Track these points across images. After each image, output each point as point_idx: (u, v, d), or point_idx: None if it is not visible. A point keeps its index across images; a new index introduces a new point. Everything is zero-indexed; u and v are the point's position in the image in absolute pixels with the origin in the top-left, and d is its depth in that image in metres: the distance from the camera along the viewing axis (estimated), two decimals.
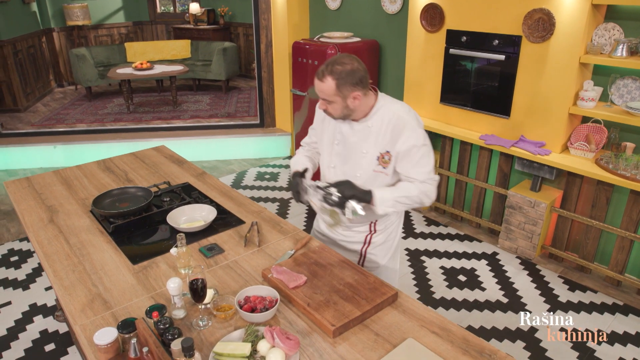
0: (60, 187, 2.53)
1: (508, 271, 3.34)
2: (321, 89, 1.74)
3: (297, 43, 4.28)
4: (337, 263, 1.81)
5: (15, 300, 3.07)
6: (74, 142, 5.19)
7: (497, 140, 3.38)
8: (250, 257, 1.90)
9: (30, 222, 2.17)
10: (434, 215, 4.12)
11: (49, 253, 1.92)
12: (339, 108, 1.77)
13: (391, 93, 4.34)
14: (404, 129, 1.77)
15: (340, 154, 1.93)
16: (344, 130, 1.90)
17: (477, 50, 3.36)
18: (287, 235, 2.06)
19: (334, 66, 1.70)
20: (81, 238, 2.03)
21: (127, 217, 2.11)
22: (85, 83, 6.83)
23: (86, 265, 1.84)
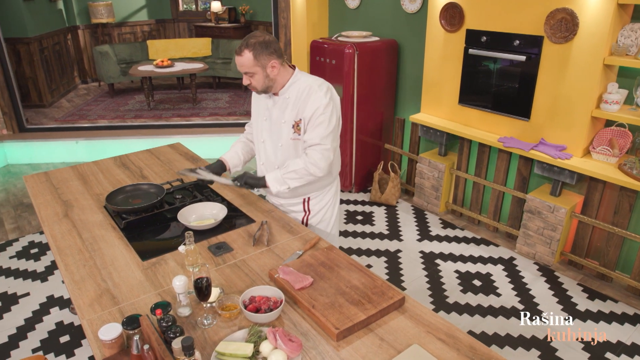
0: (76, 182, 2.58)
1: (525, 277, 3.27)
2: (241, 63, 1.93)
3: (315, 42, 4.28)
4: (345, 265, 1.80)
5: (33, 291, 3.15)
6: (95, 137, 5.29)
7: (516, 143, 3.31)
8: (258, 257, 1.90)
9: (45, 216, 2.22)
10: (450, 217, 4.07)
11: (62, 247, 1.96)
12: (261, 79, 1.96)
13: (409, 93, 4.31)
14: (311, 96, 1.99)
15: (268, 128, 2.15)
16: (269, 105, 2.12)
17: (497, 51, 3.29)
18: (296, 235, 2.05)
19: (248, 40, 1.91)
20: (94, 233, 2.06)
21: (139, 213, 2.13)
22: (108, 80, 6.96)
23: (97, 260, 1.87)
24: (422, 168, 4.08)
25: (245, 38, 1.94)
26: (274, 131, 2.13)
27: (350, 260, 1.83)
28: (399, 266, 3.41)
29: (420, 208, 4.23)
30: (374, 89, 4.21)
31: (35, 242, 3.74)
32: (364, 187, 4.59)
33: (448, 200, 4.10)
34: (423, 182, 4.13)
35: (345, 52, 3.94)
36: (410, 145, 4.28)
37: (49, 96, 6.73)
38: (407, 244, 3.69)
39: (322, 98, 1.99)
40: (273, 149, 2.16)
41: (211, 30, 8.24)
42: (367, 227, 3.94)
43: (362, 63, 4.01)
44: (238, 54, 1.93)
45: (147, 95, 6.36)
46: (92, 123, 5.76)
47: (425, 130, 3.96)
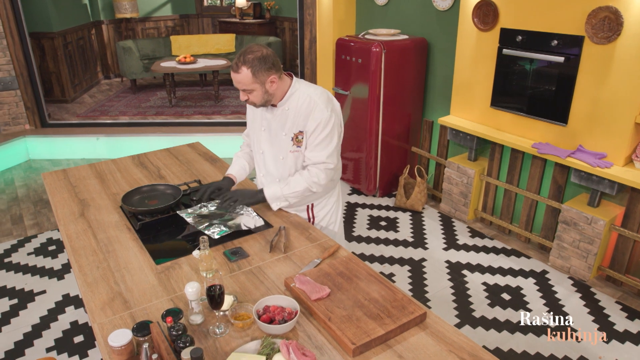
0: (94, 180, 2.63)
1: (558, 292, 3.17)
2: (239, 80, 1.91)
3: (341, 40, 4.26)
4: (364, 276, 1.77)
5: (50, 289, 3.22)
6: (116, 134, 5.39)
7: (552, 150, 3.22)
8: (274, 264, 1.89)
9: (62, 214, 2.26)
10: (479, 226, 3.99)
11: (76, 247, 1.99)
12: (260, 95, 1.95)
13: (438, 94, 4.24)
14: (314, 109, 1.98)
15: (267, 139, 2.14)
16: (268, 116, 2.11)
17: (533, 51, 3.21)
18: (314, 242, 2.04)
19: (245, 56, 1.87)
20: (109, 234, 2.09)
21: (154, 215, 2.16)
22: (131, 75, 7.10)
23: (110, 262, 1.89)
24: (451, 173, 4.01)
25: (240, 53, 1.91)
26: (274, 143, 2.14)
27: (369, 271, 1.80)
28: (423, 276, 3.36)
29: (447, 215, 4.16)
30: (402, 90, 4.17)
31: (54, 239, 3.83)
32: (389, 192, 4.54)
33: (477, 207, 4.02)
34: (451, 188, 4.06)
35: (372, 50, 3.91)
36: (438, 148, 4.22)
37: (72, 91, 6.90)
38: (433, 252, 3.63)
39: (324, 111, 1.99)
40: (273, 161, 2.17)
41: (235, 26, 8.31)
42: (391, 233, 3.90)
43: (389, 62, 3.97)
44: (235, 71, 1.90)
45: (169, 92, 6.46)
46: (113, 119, 5.88)
47: (454, 133, 3.89)
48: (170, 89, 6.47)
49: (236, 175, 2.29)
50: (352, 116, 4.33)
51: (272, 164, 2.18)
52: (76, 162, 5.34)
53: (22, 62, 5.31)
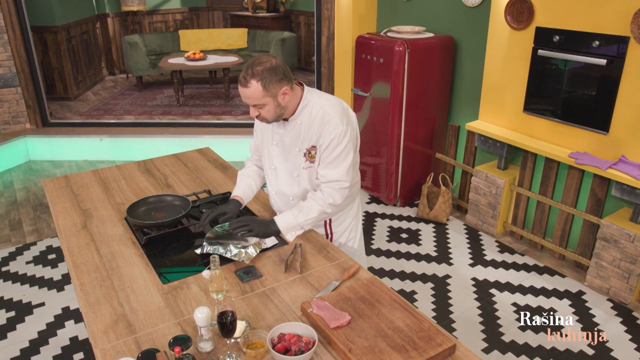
0: (97, 188, 2.62)
1: (596, 316, 3.09)
2: (249, 95, 1.86)
3: (361, 38, 4.22)
4: (387, 302, 1.73)
5: (49, 301, 3.23)
6: (121, 134, 5.42)
7: (591, 160, 3.14)
8: (289, 285, 1.86)
9: (63, 226, 2.25)
10: (508, 240, 3.91)
11: (78, 263, 1.98)
12: (272, 109, 1.90)
13: (466, 97, 4.18)
14: (328, 123, 1.94)
15: (280, 154, 2.10)
16: (279, 130, 2.07)
17: (572, 53, 3.14)
18: (333, 262, 2.00)
19: (253, 68, 1.82)
20: (112, 248, 2.08)
21: (161, 228, 2.14)
22: (137, 72, 7.14)
23: (114, 280, 1.87)
24: (478, 182, 3.94)
25: (248, 65, 1.86)
26: (288, 159, 2.10)
27: (393, 296, 1.75)
28: (447, 294, 3.30)
29: (473, 227, 4.09)
30: (426, 92, 4.11)
31: (54, 247, 3.85)
32: (410, 201, 4.49)
33: (506, 220, 3.95)
34: (478, 199, 3.99)
35: (395, 49, 3.86)
36: (464, 155, 4.15)
37: (75, 88, 6.96)
38: (458, 268, 3.57)
39: (338, 125, 1.95)
40: (287, 178, 2.13)
41: (247, 20, 8.32)
42: (413, 247, 3.84)
43: (413, 62, 3.92)
44: (243, 85, 1.85)
45: (177, 90, 6.48)
46: (117, 119, 5.91)
47: (483, 140, 3.83)
48: (178, 87, 6.49)
49: (242, 197, 2.21)
50: (371, 119, 4.28)
51: (285, 182, 2.14)
52: (78, 164, 5.37)
53: (24, 57, 5.36)
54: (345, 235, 2.28)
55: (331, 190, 2.02)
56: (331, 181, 2.01)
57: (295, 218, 2.04)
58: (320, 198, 2.03)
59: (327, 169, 2.01)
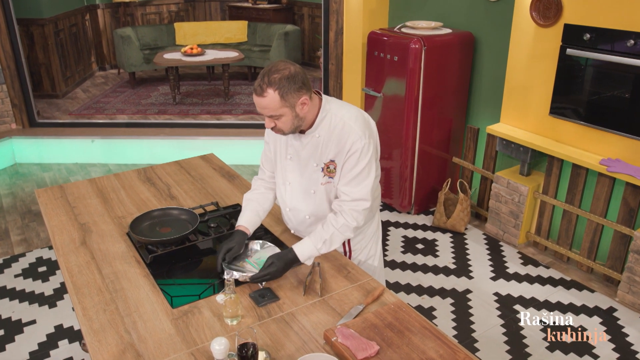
0: (95, 200, 2.58)
1: (630, 335, 3.06)
2: (265, 106, 1.81)
3: (373, 34, 4.18)
4: (418, 329, 1.69)
5: (40, 319, 3.19)
6: (113, 136, 5.38)
7: (625, 168, 3.11)
8: (309, 310, 1.82)
9: (60, 242, 2.22)
10: (531, 252, 3.88)
11: (78, 285, 1.94)
12: (289, 120, 1.86)
13: (485, 98, 4.14)
14: (348, 136, 1.90)
15: (295, 169, 2.06)
16: (295, 143, 2.02)
17: (604, 52, 3.10)
18: (355, 283, 1.96)
19: (270, 76, 1.78)
20: (115, 268, 2.04)
21: (167, 245, 2.10)
22: (129, 68, 7.10)
23: (119, 304, 1.84)
24: (499, 189, 3.91)
25: (264, 73, 1.81)
26: (303, 174, 2.05)
27: (423, 323, 1.72)
28: (468, 311, 3.27)
29: (494, 237, 4.06)
30: (443, 92, 4.08)
31: (44, 259, 3.81)
32: (425, 209, 4.45)
33: (529, 230, 3.91)
34: (499, 207, 3.96)
35: (411, 47, 3.82)
36: (484, 160, 4.11)
37: (63, 85, 6.92)
38: (479, 282, 3.53)
39: (361, 139, 1.91)
40: (303, 195, 2.08)
41: (247, 11, 8.28)
42: (429, 258, 3.81)
43: (430, 60, 3.88)
44: (259, 95, 1.80)
45: (173, 88, 6.44)
46: (110, 119, 5.87)
47: (505, 144, 3.79)
48: (175, 84, 6.45)
49: (248, 226, 2.10)
50: (383, 121, 4.24)
51: (300, 199, 2.09)
52: (68, 168, 5.33)
53: (9, 53, 5.31)
54: (365, 252, 2.25)
55: (353, 211, 1.97)
56: (354, 200, 1.96)
57: (317, 249, 1.97)
58: (342, 225, 1.97)
59: (347, 187, 1.97)
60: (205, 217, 2.28)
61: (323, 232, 1.97)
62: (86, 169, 5.31)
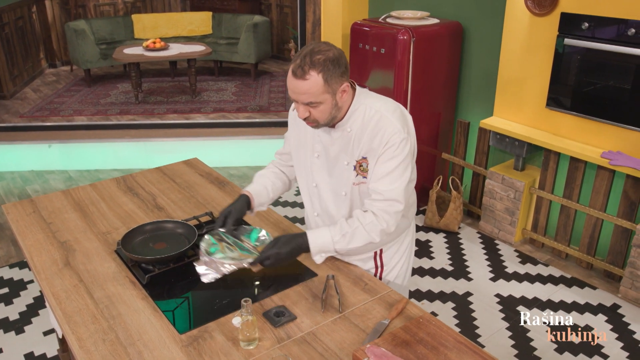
0: (73, 214, 2.44)
1: (637, 332, 3.11)
2: (304, 90, 1.68)
3: (357, 25, 4.13)
4: (452, 344, 1.65)
5: (6, 347, 3.02)
6: (73, 139, 5.18)
7: (627, 160, 3.15)
8: (331, 328, 1.75)
9: (40, 264, 2.07)
10: (528, 249, 3.92)
11: (69, 312, 1.82)
12: (328, 109, 1.75)
13: (476, 89, 4.15)
14: (385, 128, 1.77)
15: (323, 168, 1.94)
16: (324, 139, 1.90)
17: (603, 42, 3.14)
18: (374, 296, 1.90)
19: (313, 57, 1.66)
20: (108, 291, 1.92)
21: (165, 263, 1.99)
22: (85, 64, 6.85)
23: (119, 332, 1.72)
24: (494, 186, 3.92)
25: (304, 54, 1.68)
26: (333, 174, 1.94)
27: (457, 337, 1.68)
28: (471, 314, 3.27)
29: (489, 236, 4.08)
30: (431, 85, 4.07)
31: (5, 279, 3.61)
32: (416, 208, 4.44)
33: (525, 226, 3.95)
34: (494, 203, 3.98)
35: (399, 38, 3.79)
36: (476, 156, 4.13)
37: (11, 84, 6.62)
38: (478, 284, 3.54)
39: (399, 131, 1.77)
40: (333, 197, 1.96)
41: (211, 1, 8.12)
42: (425, 260, 3.79)
43: (418, 53, 3.86)
44: (299, 77, 1.67)
45: (135, 85, 6.23)
46: (67, 121, 5.65)
47: (499, 138, 3.81)
48: (137, 82, 6.25)
49: (254, 195, 2.04)
50: None
51: (331, 202, 1.98)
52: (23, 176, 5.08)
53: None
54: (397, 269, 2.13)
55: (384, 213, 1.81)
56: (386, 199, 1.81)
57: (333, 242, 1.82)
58: (370, 222, 1.81)
59: (380, 183, 1.81)
60: (203, 229, 2.18)
61: (345, 225, 1.82)
62: (44, 176, 5.08)
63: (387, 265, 2.11)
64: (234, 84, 7.04)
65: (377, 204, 1.83)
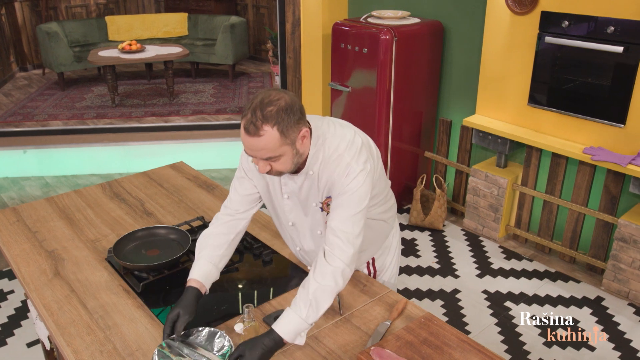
0: (59, 222, 2.37)
1: (621, 324, 3.17)
2: (261, 147, 1.53)
3: (339, 25, 4.11)
4: (456, 343, 1.65)
5: None
6: (48, 144, 5.05)
7: (608, 156, 3.21)
8: (333, 331, 1.74)
9: (29, 275, 2.01)
10: (512, 245, 3.96)
11: (63, 324, 1.76)
12: (289, 160, 1.61)
13: (457, 88, 4.18)
14: (347, 174, 1.65)
15: (295, 209, 1.84)
16: (289, 185, 1.78)
17: (583, 39, 3.18)
18: (374, 297, 1.90)
19: (264, 110, 1.51)
20: (101, 300, 1.87)
21: (159, 270, 1.95)
22: (58, 68, 6.68)
23: (117, 343, 1.68)
24: (477, 183, 3.95)
25: (254, 106, 1.52)
26: (307, 214, 1.83)
27: (460, 336, 1.68)
28: (460, 312, 3.28)
29: (473, 233, 4.11)
30: (413, 84, 4.08)
31: None
32: (399, 207, 4.45)
33: (509, 223, 3.99)
34: (477, 201, 4.01)
35: (382, 38, 3.79)
36: (458, 154, 4.15)
37: None
38: (466, 281, 3.56)
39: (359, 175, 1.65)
40: (310, 235, 1.88)
41: (186, 2, 8.00)
42: (412, 259, 3.80)
43: (400, 52, 3.86)
44: (253, 134, 1.51)
45: (111, 89, 6.11)
46: (42, 125, 5.50)
47: (481, 136, 3.84)
48: (113, 85, 6.13)
49: (202, 279, 1.74)
50: (353, 116, 4.20)
51: (309, 239, 1.90)
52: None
53: None
54: (389, 271, 2.15)
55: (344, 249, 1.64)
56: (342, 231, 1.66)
57: (304, 319, 1.58)
58: (330, 274, 1.62)
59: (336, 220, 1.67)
60: (197, 235, 2.13)
61: (303, 295, 1.61)
62: (19, 183, 4.94)
63: (379, 270, 2.12)
64: (212, 85, 6.97)
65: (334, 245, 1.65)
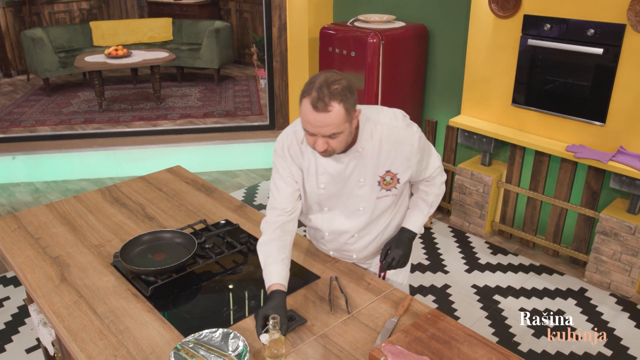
0: (61, 228, 2.33)
1: (604, 313, 3.24)
2: (328, 123, 1.59)
3: (326, 29, 4.12)
4: (463, 337, 1.66)
5: None
6: (37, 150, 4.95)
7: (590, 153, 3.27)
8: (342, 329, 1.74)
9: (36, 282, 1.97)
10: (498, 240, 4.01)
11: (74, 329, 1.73)
12: (345, 138, 1.68)
13: (442, 89, 4.22)
14: (401, 142, 1.82)
15: (331, 195, 1.89)
16: (332, 167, 1.82)
17: (564, 42, 3.24)
18: (379, 294, 1.90)
19: (330, 87, 1.57)
20: (111, 305, 1.84)
21: (167, 274, 1.93)
22: (44, 74, 6.56)
23: (130, 348, 1.66)
24: (463, 181, 4.00)
25: (320, 85, 1.57)
26: (342, 195, 1.88)
27: (466, 330, 1.70)
28: (451, 306, 3.32)
29: (459, 229, 4.16)
30: (400, 86, 4.11)
31: None
32: None
33: (494, 219, 4.04)
34: (463, 198, 4.05)
35: (369, 41, 3.81)
36: (444, 153, 4.19)
37: None
38: (455, 276, 3.60)
39: (413, 136, 1.83)
40: (347, 216, 1.94)
41: (170, 8, 7.92)
42: None
43: (387, 55, 3.89)
44: (322, 110, 1.56)
45: (99, 94, 6.02)
46: (30, 131, 5.40)
47: (467, 135, 3.88)
48: (100, 90, 6.03)
49: (284, 282, 1.75)
50: None
51: (343, 221, 1.94)
52: None
53: None
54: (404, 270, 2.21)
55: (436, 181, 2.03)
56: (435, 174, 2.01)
57: (425, 216, 2.03)
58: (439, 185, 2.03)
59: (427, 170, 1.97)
60: (202, 238, 2.12)
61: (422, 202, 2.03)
62: (9, 189, 4.84)
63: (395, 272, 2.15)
64: (198, 89, 6.91)
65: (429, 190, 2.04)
